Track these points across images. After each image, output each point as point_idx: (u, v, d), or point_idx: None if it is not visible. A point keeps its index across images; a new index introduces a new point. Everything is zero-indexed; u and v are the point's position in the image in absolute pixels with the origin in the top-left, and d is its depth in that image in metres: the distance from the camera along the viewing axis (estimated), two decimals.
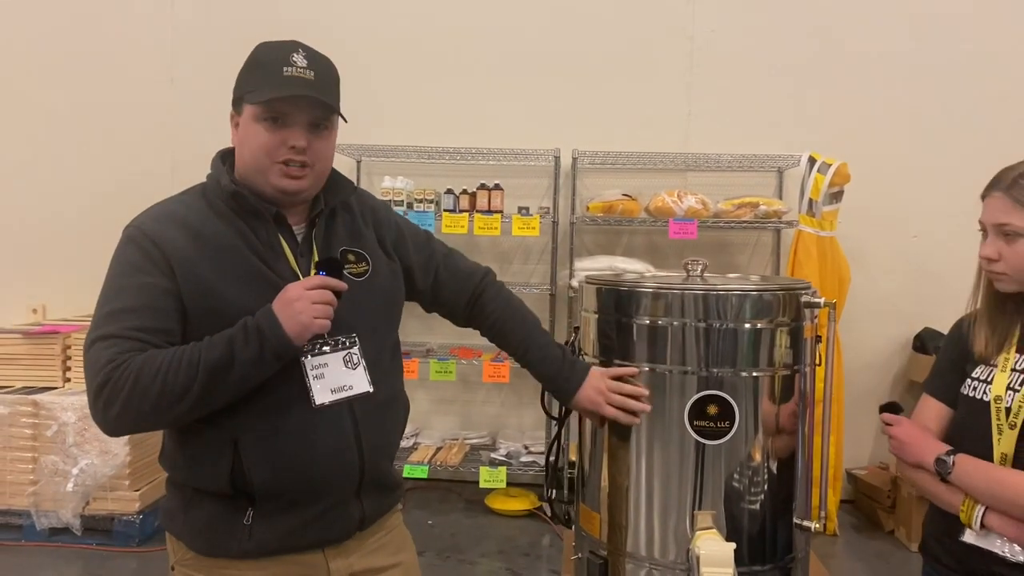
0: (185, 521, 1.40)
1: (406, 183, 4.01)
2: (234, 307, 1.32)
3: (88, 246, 4.38)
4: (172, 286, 1.31)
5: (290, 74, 1.35)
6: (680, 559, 1.48)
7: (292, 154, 1.37)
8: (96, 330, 1.30)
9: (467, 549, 3.55)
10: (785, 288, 1.50)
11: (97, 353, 1.27)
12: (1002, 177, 1.49)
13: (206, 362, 1.26)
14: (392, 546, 1.55)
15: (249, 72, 1.39)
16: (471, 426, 4.41)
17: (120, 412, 1.25)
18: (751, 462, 1.47)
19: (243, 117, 1.38)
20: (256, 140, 1.36)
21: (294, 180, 1.38)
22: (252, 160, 1.38)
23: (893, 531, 3.81)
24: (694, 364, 1.46)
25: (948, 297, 3.84)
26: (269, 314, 1.30)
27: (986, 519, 1.43)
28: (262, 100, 1.34)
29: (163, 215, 1.38)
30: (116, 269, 1.34)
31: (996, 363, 1.50)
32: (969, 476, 1.44)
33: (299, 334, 1.30)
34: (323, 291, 1.33)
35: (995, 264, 1.48)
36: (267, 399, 1.33)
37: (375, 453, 1.45)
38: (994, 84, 4.07)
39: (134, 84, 4.40)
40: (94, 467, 3.42)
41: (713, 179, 4.19)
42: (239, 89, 1.40)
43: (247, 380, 1.29)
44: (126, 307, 1.29)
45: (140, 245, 1.33)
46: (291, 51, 1.37)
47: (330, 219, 1.48)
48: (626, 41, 4.23)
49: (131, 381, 1.23)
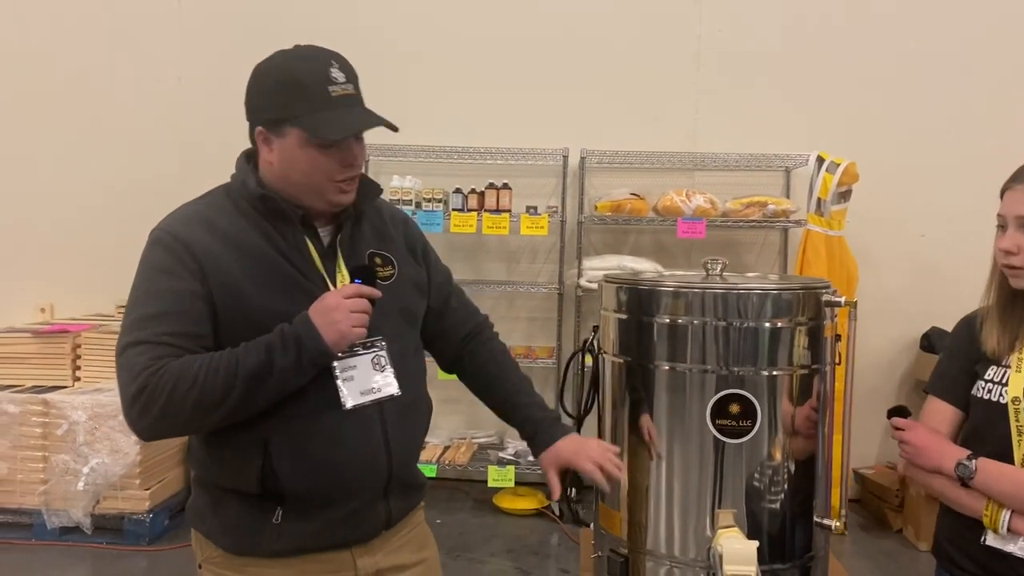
0: (213, 520, 1.40)
1: (414, 182, 4.02)
2: (264, 311, 1.32)
3: (95, 245, 4.41)
4: (203, 290, 1.30)
5: (337, 93, 1.33)
6: (700, 557, 1.48)
7: (350, 172, 1.38)
8: (128, 335, 1.29)
9: (476, 548, 3.56)
10: (805, 287, 1.50)
11: (131, 359, 1.26)
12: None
13: (244, 369, 1.26)
14: (416, 543, 1.56)
15: (286, 92, 1.33)
16: (479, 425, 4.41)
17: (156, 418, 1.25)
18: (771, 461, 1.48)
19: (286, 140, 1.34)
20: (309, 164, 1.34)
21: (348, 193, 1.40)
22: (304, 181, 1.36)
23: (901, 530, 3.81)
24: (714, 363, 1.47)
25: (955, 297, 3.84)
26: (307, 322, 1.30)
27: (1012, 523, 1.42)
28: (332, 139, 1.31)
29: (191, 218, 1.37)
30: (145, 273, 1.33)
31: (1009, 363, 1.49)
32: (995, 480, 1.43)
33: (337, 342, 1.31)
34: (360, 300, 1.34)
35: (1013, 258, 1.46)
36: (298, 402, 1.33)
37: (402, 454, 1.46)
38: (1003, 85, 4.08)
39: (142, 84, 4.40)
40: (104, 466, 3.42)
41: (720, 178, 4.19)
42: (278, 111, 1.33)
43: (284, 387, 1.30)
44: (158, 312, 1.28)
45: (170, 248, 1.32)
46: (327, 66, 1.34)
47: (356, 221, 1.48)
48: (634, 41, 4.23)
49: (168, 388, 1.23)
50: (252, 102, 1.39)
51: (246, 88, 1.40)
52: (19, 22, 4.41)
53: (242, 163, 1.44)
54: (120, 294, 4.38)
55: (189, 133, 4.37)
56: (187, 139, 4.37)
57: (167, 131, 4.39)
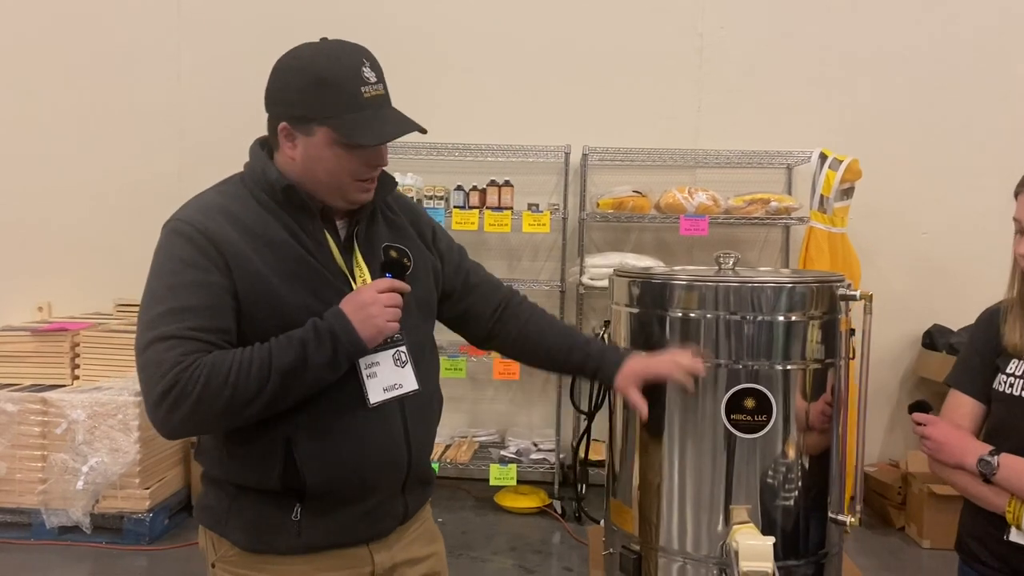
0: (229, 518, 1.38)
1: (415, 179, 4.00)
2: (289, 304, 1.30)
3: (94, 243, 4.38)
4: (228, 283, 1.27)
5: (369, 95, 1.30)
6: (714, 553, 1.47)
7: (376, 172, 1.36)
8: (152, 330, 1.24)
9: (478, 546, 3.54)
10: (820, 280, 1.49)
11: (159, 355, 1.22)
12: None
13: (279, 365, 1.24)
14: (426, 536, 1.56)
15: (321, 92, 1.29)
16: (480, 424, 4.40)
17: (187, 416, 1.22)
18: (786, 456, 1.46)
19: (313, 138, 1.31)
20: (335, 164, 1.32)
21: (370, 192, 1.38)
22: (328, 180, 1.34)
23: (903, 527, 3.80)
24: (728, 357, 1.45)
25: (957, 294, 3.90)
26: (341, 317, 1.28)
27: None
28: (365, 144, 1.29)
29: (210, 208, 1.33)
30: (166, 266, 1.28)
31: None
32: (1018, 476, 1.42)
33: (373, 337, 1.30)
34: (394, 294, 1.33)
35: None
36: (322, 399, 1.31)
37: (421, 449, 1.45)
38: (1007, 82, 4.07)
39: (140, 81, 4.37)
40: (104, 465, 3.40)
41: (722, 175, 4.18)
42: (307, 108, 1.30)
43: (318, 383, 1.28)
44: (185, 306, 1.24)
45: (192, 240, 1.28)
46: (359, 65, 1.31)
47: (371, 215, 1.46)
48: (636, 38, 4.22)
49: (200, 385, 1.20)
50: (278, 96, 1.35)
51: (269, 80, 1.36)
52: (16, 19, 4.38)
53: (258, 152, 1.40)
54: (119, 292, 4.37)
55: (188, 131, 4.34)
56: (186, 137, 4.34)
57: (166, 129, 4.36)
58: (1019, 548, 1.44)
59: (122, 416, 3.39)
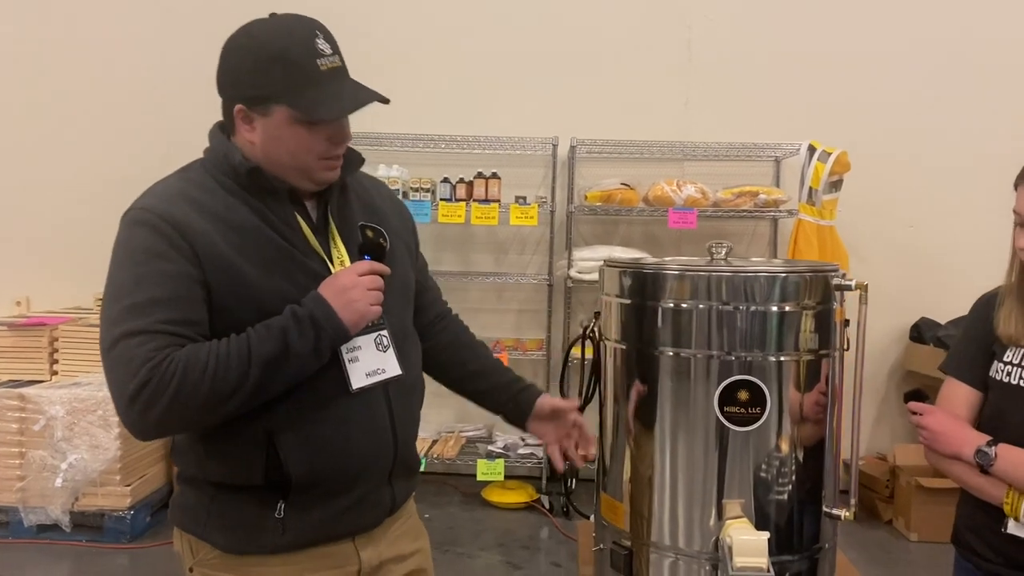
0: (209, 519, 1.32)
1: (401, 171, 3.96)
2: (263, 291, 1.25)
3: (73, 237, 4.30)
4: (197, 272, 1.21)
5: (325, 67, 1.26)
6: (706, 549, 1.43)
7: (340, 149, 1.31)
8: (119, 325, 1.17)
9: (465, 542, 3.52)
10: (814, 270, 1.46)
11: (128, 351, 1.16)
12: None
13: (259, 356, 1.18)
14: (412, 532, 1.53)
15: (274, 70, 1.24)
16: (467, 419, 4.36)
17: (163, 415, 1.16)
18: (780, 449, 1.43)
19: (271, 118, 1.26)
20: (297, 143, 1.27)
21: (335, 170, 1.34)
22: (291, 160, 1.28)
23: (891, 521, 3.81)
24: (721, 348, 1.42)
25: (945, 287, 3.90)
26: (322, 302, 1.24)
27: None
28: (326, 118, 1.25)
29: (173, 195, 1.27)
30: (130, 257, 1.22)
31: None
32: (1016, 467, 1.40)
33: (356, 323, 1.26)
34: (375, 277, 1.29)
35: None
36: (304, 387, 1.26)
37: (406, 435, 1.42)
38: (995, 75, 4.07)
39: (121, 73, 4.30)
40: (84, 462, 3.34)
41: (710, 168, 4.17)
42: (261, 88, 1.25)
43: (301, 373, 1.24)
44: (152, 298, 1.18)
45: (156, 228, 1.21)
46: (312, 38, 1.26)
47: (341, 194, 1.41)
48: (624, 29, 4.19)
49: (176, 381, 1.14)
50: (229, 78, 1.30)
51: (220, 62, 1.31)
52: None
53: (219, 135, 1.34)
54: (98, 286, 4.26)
55: (170, 122, 4.26)
56: (168, 129, 4.26)
57: (147, 120, 4.29)
58: (1017, 540, 1.42)
59: (102, 412, 3.33)
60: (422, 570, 1.53)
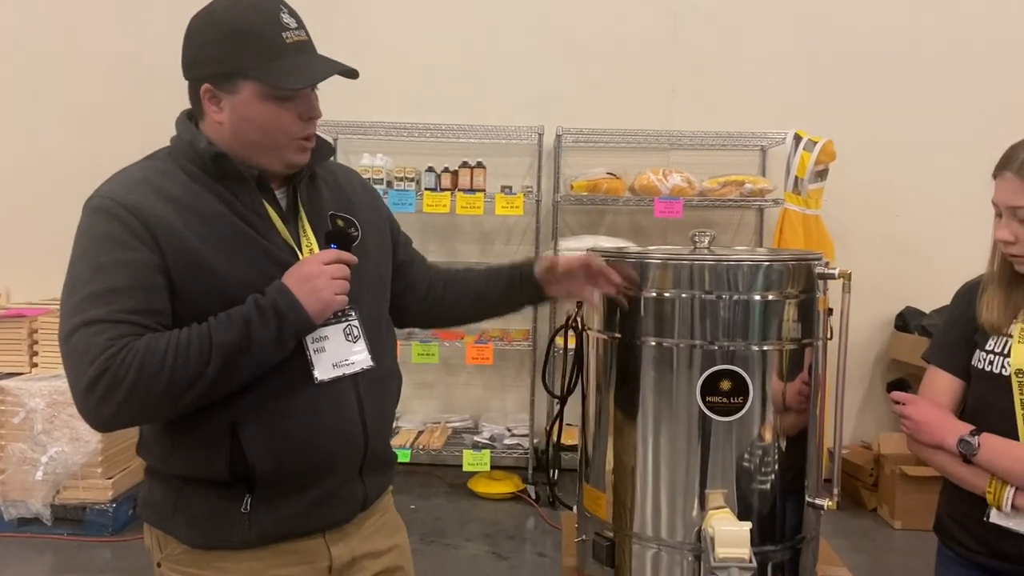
0: (175, 514, 1.30)
1: (386, 161, 3.92)
2: (229, 281, 1.22)
3: (52, 228, 4.20)
4: (159, 261, 1.19)
5: (291, 40, 1.23)
6: (688, 539, 1.43)
7: (311, 126, 1.28)
8: (77, 315, 1.15)
9: (451, 533, 3.51)
10: (797, 259, 1.45)
11: (85, 341, 1.13)
12: (1013, 156, 1.43)
13: (220, 346, 1.16)
14: (388, 528, 1.50)
15: (239, 44, 1.22)
16: (453, 409, 4.36)
17: (121, 406, 1.13)
18: (763, 439, 1.42)
19: (239, 95, 1.24)
20: (267, 120, 1.24)
21: (307, 152, 1.31)
22: (262, 139, 1.26)
23: (875, 509, 3.83)
24: (704, 338, 1.41)
25: (930, 276, 3.91)
26: (285, 292, 1.21)
27: (1016, 500, 1.39)
28: (295, 87, 1.22)
29: (135, 182, 1.24)
30: (91, 245, 1.19)
31: (1011, 333, 1.46)
32: (999, 457, 1.40)
33: (320, 312, 1.23)
34: (341, 266, 1.26)
35: (1012, 247, 1.44)
36: (267, 378, 1.24)
37: (377, 429, 1.39)
38: (979, 65, 4.08)
39: (99, 60, 4.24)
40: (64, 455, 3.30)
41: (696, 158, 4.15)
42: (226, 63, 1.22)
43: (263, 362, 1.21)
44: (111, 287, 1.16)
45: (117, 216, 1.19)
46: (276, 11, 1.24)
47: (311, 183, 1.39)
48: (610, 18, 4.16)
49: (134, 371, 1.12)
50: (193, 56, 1.28)
51: (184, 43, 1.28)
52: None
53: (185, 123, 1.32)
54: None
55: (149, 110, 4.20)
56: (147, 116, 4.20)
57: (126, 108, 4.23)
58: (999, 529, 1.42)
59: None
60: (398, 567, 1.50)
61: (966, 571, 1.52)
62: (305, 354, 1.28)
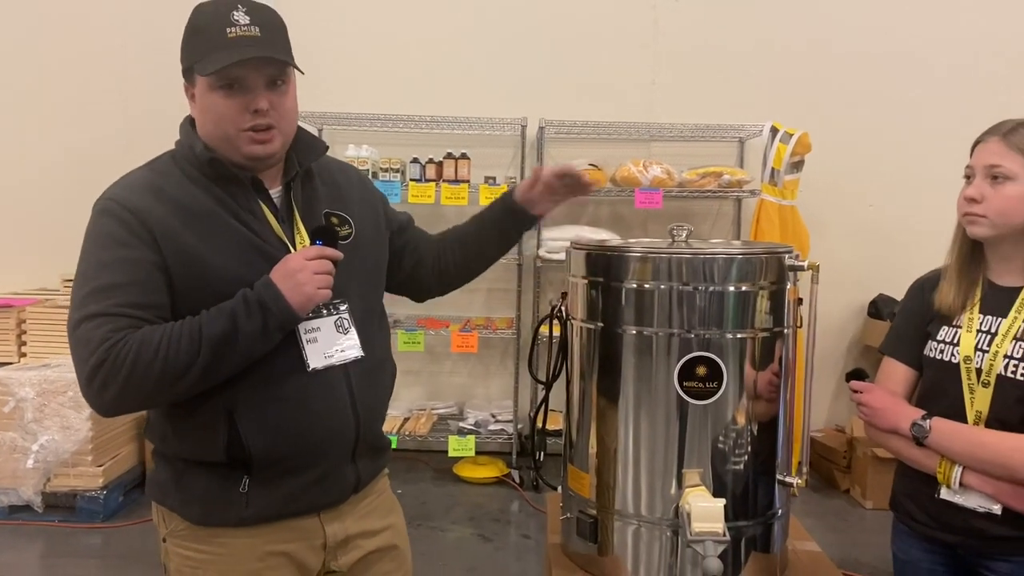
0: (178, 493, 1.38)
1: (371, 152, 3.96)
2: (223, 277, 1.30)
3: (39, 217, 4.25)
4: (158, 259, 1.27)
5: (235, 35, 1.29)
6: (667, 516, 1.51)
7: (257, 118, 1.32)
8: (81, 309, 1.25)
9: (437, 517, 3.59)
10: (769, 251, 1.53)
11: (87, 333, 1.23)
12: (1001, 125, 1.51)
13: (208, 337, 1.24)
14: (382, 509, 1.57)
15: (192, 39, 1.33)
16: (438, 396, 4.42)
17: (119, 393, 1.22)
18: (736, 421, 1.51)
19: (198, 88, 1.33)
20: (216, 110, 1.31)
21: (263, 144, 1.35)
22: (217, 131, 1.33)
23: (848, 490, 3.95)
24: (681, 326, 1.49)
25: (901, 264, 3.98)
26: (270, 286, 1.29)
27: (964, 478, 1.49)
28: (212, 71, 1.28)
29: (137, 185, 1.33)
30: (95, 244, 1.29)
31: (960, 323, 1.55)
32: (948, 440, 1.50)
33: (303, 305, 1.30)
34: (324, 261, 1.33)
35: (976, 206, 1.51)
36: (262, 367, 1.32)
37: (369, 416, 1.46)
38: (952, 59, 4.18)
39: (83, 49, 4.23)
40: (55, 443, 3.34)
41: (676, 149, 4.23)
42: (186, 59, 1.33)
43: (251, 353, 1.29)
44: (113, 283, 1.25)
45: (119, 217, 1.28)
46: (231, 9, 1.31)
47: (307, 181, 1.46)
48: (591, 10, 4.22)
49: (130, 360, 1.21)
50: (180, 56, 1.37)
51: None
52: None
53: (187, 127, 1.40)
54: (65, 267, 4.25)
55: (133, 99, 4.23)
56: (131, 105, 4.23)
57: (110, 97, 4.24)
58: (949, 505, 1.53)
59: (73, 393, 3.33)
60: (393, 546, 1.57)
61: (918, 543, 1.63)
62: (298, 344, 1.36)
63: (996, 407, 1.48)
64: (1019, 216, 1.47)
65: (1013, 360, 1.47)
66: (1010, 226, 1.49)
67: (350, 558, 1.49)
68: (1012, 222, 1.48)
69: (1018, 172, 1.46)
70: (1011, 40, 4.14)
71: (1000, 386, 1.47)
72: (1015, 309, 1.50)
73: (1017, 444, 1.43)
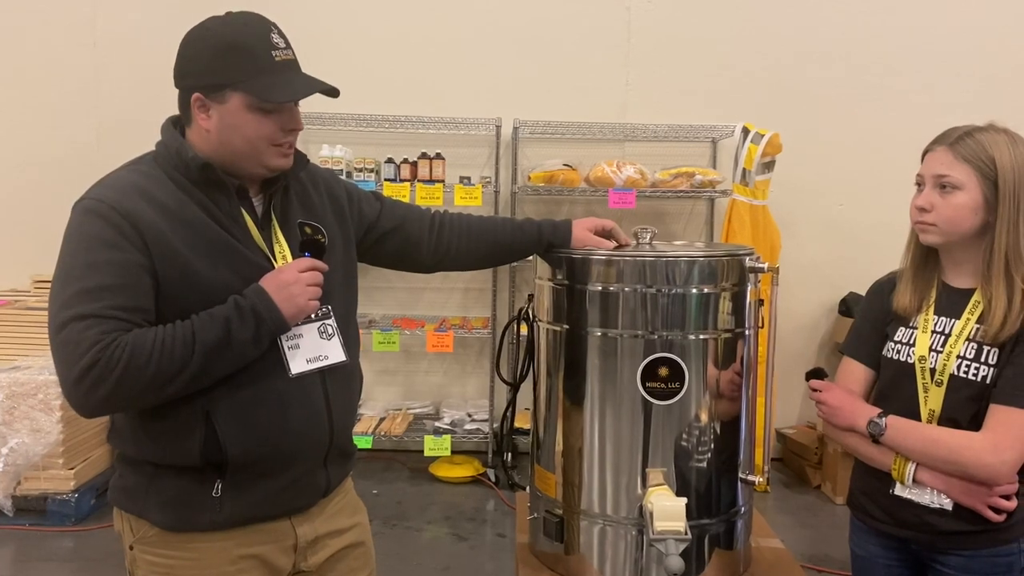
0: (148, 498, 1.38)
1: (345, 152, 3.96)
2: (209, 283, 1.31)
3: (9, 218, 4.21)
4: (147, 262, 1.27)
5: (280, 58, 1.33)
6: (632, 515, 1.54)
7: (290, 135, 1.38)
8: (69, 309, 1.23)
9: (413, 516, 3.60)
10: (730, 254, 1.56)
11: (77, 334, 1.21)
12: (949, 134, 1.54)
13: (202, 343, 1.25)
14: (349, 508, 1.59)
15: (232, 58, 1.31)
16: (414, 396, 4.43)
17: (109, 394, 1.22)
18: (698, 421, 1.53)
19: (229, 105, 1.32)
20: (252, 129, 1.33)
21: (287, 157, 1.40)
22: (245, 147, 1.34)
23: (819, 486, 4.01)
24: (644, 328, 1.51)
25: (871, 264, 3.99)
26: (263, 295, 1.31)
27: (917, 475, 1.53)
28: (280, 100, 1.32)
29: (125, 186, 1.32)
30: (82, 244, 1.27)
31: (916, 325, 1.59)
32: (903, 437, 1.53)
33: (295, 316, 1.34)
34: (315, 273, 1.36)
35: (926, 215, 1.54)
36: (242, 370, 1.33)
37: (342, 421, 1.48)
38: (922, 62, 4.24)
39: (55, 49, 4.19)
40: (25, 446, 3.31)
41: (649, 149, 4.27)
42: (219, 76, 1.31)
43: (242, 360, 1.31)
44: (102, 285, 1.24)
45: (109, 219, 1.27)
46: (268, 31, 1.34)
47: (284, 192, 1.47)
48: (565, 10, 4.24)
49: (123, 363, 1.20)
50: (187, 68, 1.36)
51: (178, 54, 1.36)
52: None
53: (171, 130, 1.40)
54: (36, 268, 4.21)
55: (105, 100, 4.19)
56: (103, 107, 4.19)
57: (82, 98, 4.20)
58: (903, 501, 1.56)
59: (43, 396, 3.30)
60: (360, 543, 1.60)
61: (874, 539, 1.67)
62: (279, 348, 1.37)
63: (948, 406, 1.51)
64: (967, 224, 1.51)
65: (965, 360, 1.51)
66: (959, 233, 1.53)
67: (319, 557, 1.50)
68: (961, 230, 1.52)
69: (965, 182, 1.50)
70: (978, 43, 4.21)
71: (952, 385, 1.51)
72: (967, 311, 1.53)
73: (967, 442, 1.47)
